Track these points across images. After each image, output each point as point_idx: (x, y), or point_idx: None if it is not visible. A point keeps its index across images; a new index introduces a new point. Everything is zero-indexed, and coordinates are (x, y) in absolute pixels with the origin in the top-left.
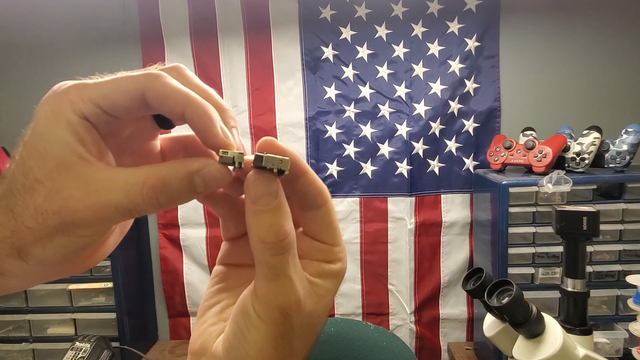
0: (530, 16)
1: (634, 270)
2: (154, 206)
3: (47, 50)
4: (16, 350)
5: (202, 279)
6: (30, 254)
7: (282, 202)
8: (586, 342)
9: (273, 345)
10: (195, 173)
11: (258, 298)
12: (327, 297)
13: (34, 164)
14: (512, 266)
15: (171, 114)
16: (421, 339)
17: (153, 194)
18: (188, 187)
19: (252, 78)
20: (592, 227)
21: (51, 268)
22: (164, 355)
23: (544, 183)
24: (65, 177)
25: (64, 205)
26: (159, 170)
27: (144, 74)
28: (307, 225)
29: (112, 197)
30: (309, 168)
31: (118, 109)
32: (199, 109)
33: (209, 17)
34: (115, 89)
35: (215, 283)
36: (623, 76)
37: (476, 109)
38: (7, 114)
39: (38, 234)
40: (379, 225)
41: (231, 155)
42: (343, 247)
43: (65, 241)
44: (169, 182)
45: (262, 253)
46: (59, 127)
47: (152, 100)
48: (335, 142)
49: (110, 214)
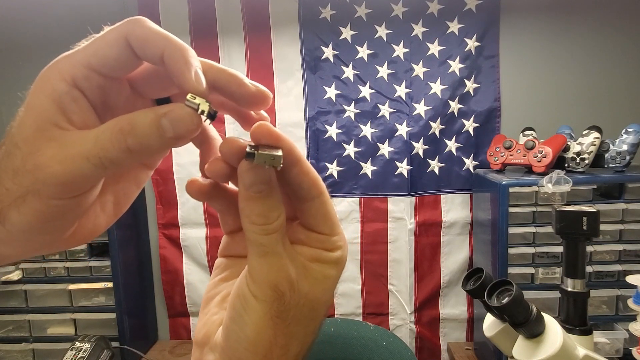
0: (530, 16)
1: (634, 270)
2: (124, 151)
3: (47, 50)
4: (16, 350)
5: (202, 279)
6: (7, 218)
7: (273, 189)
8: (586, 342)
9: (270, 325)
10: (162, 116)
11: (251, 276)
12: (324, 282)
13: (15, 131)
14: (512, 266)
15: (152, 58)
16: (421, 339)
17: (121, 136)
18: (157, 131)
19: (252, 78)
20: (592, 227)
21: (30, 235)
22: (164, 355)
23: (544, 183)
24: (41, 140)
25: (37, 163)
26: (129, 115)
27: (125, 21)
28: (304, 217)
29: (82, 148)
30: (304, 158)
31: (108, 62)
32: (177, 51)
33: (209, 17)
34: (101, 44)
35: (216, 274)
36: (623, 76)
37: (476, 109)
38: (7, 114)
39: (14, 195)
40: (379, 225)
41: (198, 101)
42: (342, 236)
43: (38, 204)
44: (137, 124)
45: (252, 233)
46: (42, 96)
47: (135, 45)
48: (335, 142)
49: (81, 166)
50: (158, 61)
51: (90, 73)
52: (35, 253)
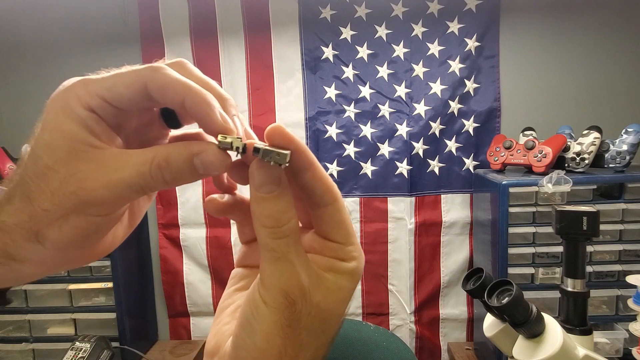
0: (530, 16)
1: (634, 270)
2: (161, 183)
3: (47, 51)
4: (16, 350)
5: (202, 279)
6: (46, 237)
7: (284, 191)
8: (586, 342)
9: (280, 334)
10: (195, 155)
11: (262, 282)
12: (338, 293)
13: (42, 153)
14: (512, 266)
15: (172, 104)
16: (421, 339)
17: (159, 172)
18: (189, 168)
19: (252, 78)
20: (592, 227)
21: (65, 252)
22: (164, 355)
23: (544, 183)
24: (79, 163)
25: (81, 186)
26: (166, 149)
27: (146, 67)
28: (318, 224)
29: (124, 175)
30: (317, 163)
31: (122, 100)
32: (197, 96)
33: (209, 17)
34: (118, 82)
35: (232, 284)
36: (623, 76)
37: (476, 109)
38: (7, 114)
39: (54, 215)
40: (379, 225)
41: (229, 140)
42: (357, 247)
43: (80, 221)
44: (173, 161)
45: (263, 236)
46: (67, 120)
47: (154, 92)
48: (335, 142)
49: (123, 191)
50: (178, 106)
51: (105, 104)
52: (60, 269)
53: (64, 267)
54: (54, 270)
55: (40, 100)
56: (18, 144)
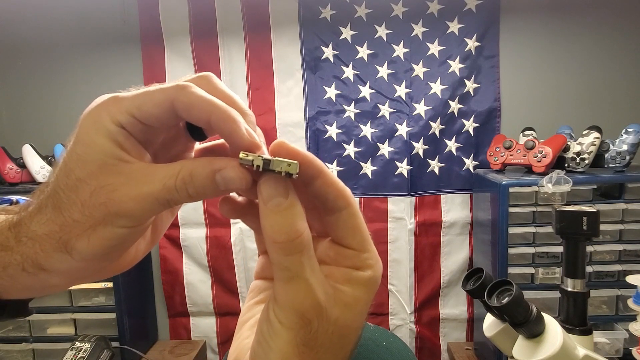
0: (530, 16)
1: (634, 270)
2: (186, 196)
3: (46, 51)
4: (16, 350)
5: (202, 279)
6: (75, 247)
7: (293, 203)
8: (586, 342)
9: (296, 352)
10: (217, 171)
11: (277, 302)
12: (356, 306)
13: (74, 166)
14: (512, 266)
15: (198, 121)
16: (421, 339)
17: (184, 186)
18: (212, 184)
19: (252, 78)
20: (592, 227)
21: (91, 263)
22: (164, 355)
23: (544, 183)
24: (109, 176)
25: (110, 198)
26: (191, 164)
27: (173, 86)
28: (332, 230)
29: (152, 188)
30: (326, 170)
31: (150, 118)
32: (223, 114)
33: (209, 17)
34: (147, 101)
35: (251, 297)
36: (623, 76)
37: (476, 109)
38: (7, 114)
39: (84, 226)
40: (379, 225)
41: (251, 158)
42: (374, 254)
43: (107, 232)
44: (196, 176)
45: (275, 254)
46: (99, 135)
47: (180, 110)
48: (335, 142)
49: (151, 204)
50: (204, 124)
51: (134, 121)
52: (84, 281)
53: (88, 279)
54: (78, 281)
55: (40, 101)
56: (18, 144)
